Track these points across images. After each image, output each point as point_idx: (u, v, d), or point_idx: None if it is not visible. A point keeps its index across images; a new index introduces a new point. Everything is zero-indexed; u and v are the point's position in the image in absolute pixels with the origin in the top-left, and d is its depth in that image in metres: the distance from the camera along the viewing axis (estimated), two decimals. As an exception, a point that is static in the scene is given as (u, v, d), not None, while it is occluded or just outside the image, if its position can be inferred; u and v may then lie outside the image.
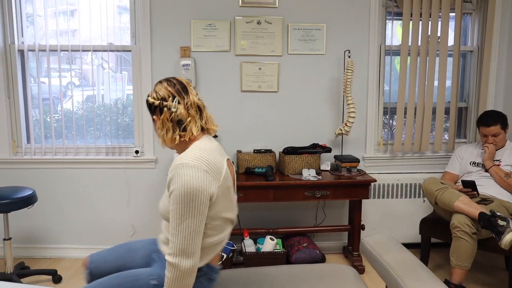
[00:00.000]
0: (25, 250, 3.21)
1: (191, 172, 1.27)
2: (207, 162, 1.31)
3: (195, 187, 1.26)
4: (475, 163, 2.93)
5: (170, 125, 1.41)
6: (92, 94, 3.17)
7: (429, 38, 3.16)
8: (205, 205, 1.29)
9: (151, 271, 1.45)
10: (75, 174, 3.16)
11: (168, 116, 1.40)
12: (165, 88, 1.42)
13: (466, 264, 2.46)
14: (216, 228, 1.39)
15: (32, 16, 3.09)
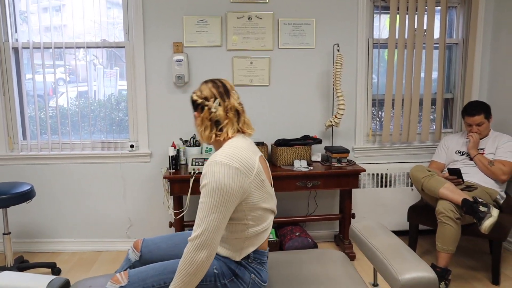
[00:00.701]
0: (24, 244, 3.27)
1: (223, 170, 1.36)
2: (239, 159, 1.40)
3: (226, 184, 1.35)
4: (460, 152, 3.03)
5: (209, 124, 1.52)
6: (84, 90, 3.22)
7: (415, 32, 3.25)
8: (232, 203, 1.37)
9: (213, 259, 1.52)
10: (71, 169, 3.22)
11: (207, 115, 1.51)
12: (209, 89, 1.53)
13: (451, 248, 2.58)
14: (258, 218, 1.47)
15: (26, 13, 3.12)
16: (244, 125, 1.55)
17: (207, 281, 1.47)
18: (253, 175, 1.42)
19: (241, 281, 1.48)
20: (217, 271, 1.48)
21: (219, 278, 1.47)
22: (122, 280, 1.44)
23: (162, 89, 3.19)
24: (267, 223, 1.54)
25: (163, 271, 1.46)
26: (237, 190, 1.37)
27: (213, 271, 1.48)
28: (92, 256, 3.19)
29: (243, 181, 1.39)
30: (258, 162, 1.46)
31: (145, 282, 1.44)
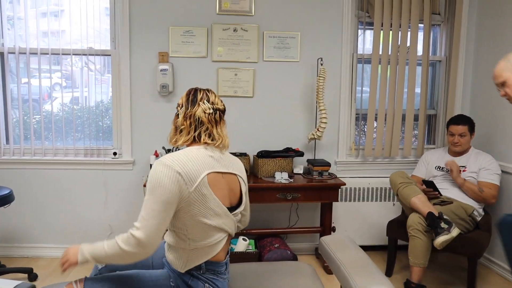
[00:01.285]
0: (2, 249, 3.26)
1: (165, 171, 1.39)
2: (182, 166, 1.41)
3: (165, 184, 1.38)
4: (439, 168, 3.06)
5: (173, 128, 1.60)
6: (75, 96, 3.25)
7: (399, 48, 3.30)
8: (171, 205, 1.39)
9: (167, 273, 1.54)
10: (53, 175, 3.23)
11: (175, 120, 1.60)
12: (183, 97, 1.61)
13: (422, 262, 2.60)
14: (199, 232, 1.47)
15: (13, 19, 3.15)
16: (205, 135, 1.55)
17: None
18: (194, 187, 1.42)
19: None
20: (173, 283, 1.49)
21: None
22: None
23: (147, 98, 3.22)
24: (213, 239, 1.51)
25: (118, 286, 1.46)
26: (176, 193, 1.39)
27: (169, 284, 1.49)
28: (71, 263, 3.17)
29: (182, 187, 1.40)
30: (206, 177, 1.46)
31: None
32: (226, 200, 1.55)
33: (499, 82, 1.93)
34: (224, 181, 1.55)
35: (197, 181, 1.42)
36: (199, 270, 1.50)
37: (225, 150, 1.61)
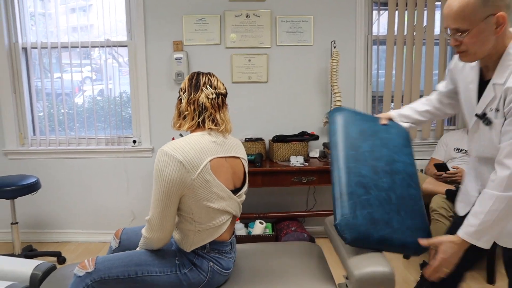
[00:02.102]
0: (33, 234, 3.45)
1: (166, 160, 1.44)
2: (184, 154, 1.45)
3: (167, 173, 1.44)
4: (459, 149, 3.00)
5: (176, 113, 1.63)
6: (100, 88, 3.37)
7: (414, 28, 3.22)
8: (174, 193, 1.46)
9: (175, 251, 1.61)
10: (77, 163, 3.37)
11: (178, 105, 1.63)
12: (185, 82, 1.63)
13: None
14: (205, 216, 1.52)
15: (35, 15, 3.28)
16: (209, 120, 1.58)
17: (170, 271, 1.54)
18: (196, 174, 1.46)
19: (200, 270, 1.55)
20: (178, 261, 1.56)
21: (179, 268, 1.54)
22: (89, 267, 1.52)
23: (163, 86, 3.29)
24: (218, 221, 1.56)
25: (128, 263, 1.54)
26: (177, 182, 1.45)
27: (175, 262, 1.56)
28: (97, 247, 3.34)
29: (184, 175, 1.45)
30: (209, 163, 1.49)
31: (110, 271, 1.52)
32: (229, 183, 1.60)
33: (461, 28, 1.29)
34: (228, 165, 1.59)
35: (200, 168, 1.46)
36: (204, 249, 1.56)
37: (228, 134, 1.65)
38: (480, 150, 1.48)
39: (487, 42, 1.31)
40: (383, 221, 1.50)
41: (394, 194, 1.56)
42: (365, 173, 1.57)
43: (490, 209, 1.32)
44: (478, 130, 1.46)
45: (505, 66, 1.33)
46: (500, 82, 1.34)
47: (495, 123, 1.37)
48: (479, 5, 1.25)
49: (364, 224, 1.47)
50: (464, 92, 1.52)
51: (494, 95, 1.36)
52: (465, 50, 1.34)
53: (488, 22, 1.27)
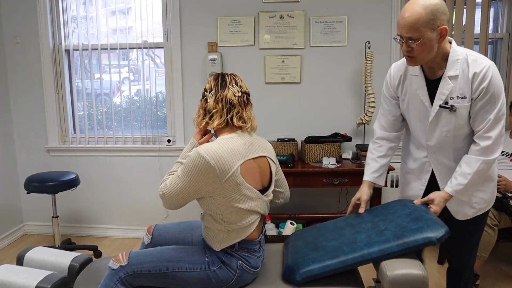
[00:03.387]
0: (72, 228, 3.60)
1: (200, 161, 1.47)
2: (218, 159, 1.48)
3: (196, 174, 1.48)
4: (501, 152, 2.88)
5: (202, 112, 1.66)
6: (138, 89, 3.48)
7: (453, 26, 3.13)
8: (197, 192, 1.52)
9: (204, 249, 1.65)
10: (114, 161, 3.49)
11: (204, 104, 1.66)
12: (210, 82, 1.67)
13: (483, 255, 2.47)
14: (234, 216, 1.56)
15: (77, 18, 3.43)
16: (237, 118, 1.61)
17: (199, 268, 1.57)
18: (226, 178, 1.49)
19: (229, 268, 1.57)
20: (208, 259, 1.58)
21: (209, 265, 1.57)
22: (122, 260, 1.58)
23: (197, 87, 3.35)
24: (247, 221, 1.58)
25: (159, 259, 1.58)
26: (203, 186, 1.50)
27: (204, 259, 1.58)
28: (132, 242, 3.43)
29: (214, 180, 1.48)
30: (239, 167, 1.51)
31: (143, 266, 1.57)
32: (258, 184, 1.62)
33: (413, 37, 1.53)
34: (256, 165, 1.62)
35: (230, 172, 1.49)
36: (233, 248, 1.59)
37: (253, 132, 1.67)
38: (441, 137, 1.73)
39: (432, 49, 1.58)
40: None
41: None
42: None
43: (477, 169, 1.63)
44: (439, 119, 1.71)
45: (454, 61, 1.64)
46: (453, 74, 1.64)
47: (459, 108, 1.65)
48: (429, 19, 1.51)
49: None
50: (413, 98, 1.77)
51: (453, 86, 1.65)
52: (415, 56, 1.60)
53: (434, 33, 1.54)
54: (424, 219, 1.55)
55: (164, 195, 1.55)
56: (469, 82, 1.61)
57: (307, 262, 1.57)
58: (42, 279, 1.66)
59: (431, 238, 1.46)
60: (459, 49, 1.65)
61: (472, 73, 1.60)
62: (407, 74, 1.78)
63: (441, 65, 1.66)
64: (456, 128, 1.69)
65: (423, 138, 1.80)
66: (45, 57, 3.37)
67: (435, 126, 1.73)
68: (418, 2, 1.52)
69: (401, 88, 1.82)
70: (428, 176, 1.83)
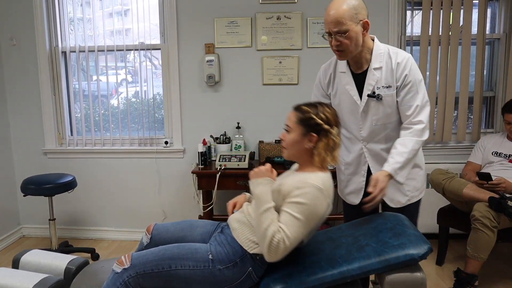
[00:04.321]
0: (69, 231, 3.59)
1: (321, 197, 1.51)
2: (330, 194, 1.56)
3: (318, 211, 1.51)
4: (497, 153, 2.88)
5: (330, 150, 1.61)
6: (136, 90, 3.48)
7: (450, 27, 3.13)
8: (313, 226, 1.54)
9: (209, 247, 1.63)
10: (111, 163, 3.48)
11: (331, 142, 1.61)
12: (332, 115, 1.63)
13: (482, 256, 2.46)
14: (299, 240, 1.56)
15: (74, 20, 3.42)
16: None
17: (203, 266, 1.56)
18: (328, 210, 1.57)
19: (238, 271, 1.56)
20: (212, 257, 1.57)
21: (214, 263, 1.56)
22: (125, 263, 1.57)
23: (195, 88, 3.35)
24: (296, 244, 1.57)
25: (161, 257, 1.57)
26: (321, 218, 1.55)
27: (207, 257, 1.57)
28: (129, 245, 3.42)
29: (325, 212, 1.55)
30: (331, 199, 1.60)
31: (145, 266, 1.56)
32: None
33: (340, 30, 1.68)
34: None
35: (330, 205, 1.58)
36: (257, 255, 1.57)
37: None
38: (372, 126, 1.87)
39: (359, 42, 1.74)
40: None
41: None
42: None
43: (412, 148, 1.74)
44: (369, 109, 1.85)
45: (378, 55, 1.81)
46: (378, 66, 1.81)
47: (385, 97, 1.81)
48: (352, 13, 1.68)
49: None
50: (343, 93, 1.91)
51: (378, 77, 1.81)
52: (344, 49, 1.74)
53: (359, 26, 1.71)
54: (406, 234, 1.53)
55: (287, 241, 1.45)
56: (393, 72, 1.79)
57: (284, 279, 1.53)
58: (38, 282, 1.65)
59: (413, 255, 1.43)
60: (381, 44, 1.84)
61: (395, 63, 1.78)
62: (336, 72, 1.93)
63: (366, 58, 1.82)
64: (385, 116, 1.84)
65: (356, 130, 1.92)
66: (42, 59, 3.36)
67: (366, 116, 1.87)
68: (340, 0, 1.69)
69: (332, 86, 1.96)
70: (366, 167, 1.95)
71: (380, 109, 1.84)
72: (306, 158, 1.63)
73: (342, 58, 1.82)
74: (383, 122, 1.86)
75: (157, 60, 3.47)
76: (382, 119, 1.85)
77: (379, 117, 1.85)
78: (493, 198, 2.42)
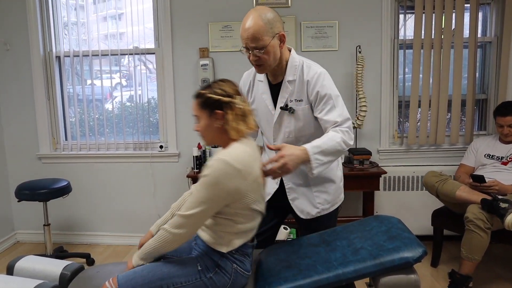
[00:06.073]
0: (64, 236, 3.57)
1: (225, 167, 1.46)
2: (242, 163, 1.49)
3: (223, 183, 1.45)
4: (489, 156, 2.91)
5: (240, 119, 1.58)
6: (130, 95, 3.48)
7: (442, 31, 3.16)
8: (223, 200, 1.48)
9: (195, 257, 1.62)
10: (106, 168, 3.47)
11: (237, 111, 1.56)
12: (230, 87, 1.60)
13: (476, 257, 2.48)
14: (247, 217, 1.56)
15: (68, 24, 3.42)
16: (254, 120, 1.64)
17: (194, 279, 1.54)
18: (250, 180, 1.50)
19: (224, 272, 1.55)
20: (200, 267, 1.56)
21: (204, 273, 1.55)
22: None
23: (189, 93, 3.35)
24: (254, 223, 1.60)
25: (151, 279, 1.53)
26: (231, 192, 1.47)
27: (197, 269, 1.56)
28: (124, 249, 3.41)
29: (239, 183, 1.47)
30: (258, 167, 1.55)
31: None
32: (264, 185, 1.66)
33: (258, 45, 1.67)
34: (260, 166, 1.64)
35: (253, 174, 1.52)
36: (232, 250, 1.57)
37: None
38: (285, 137, 1.87)
39: (277, 56, 1.74)
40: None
41: None
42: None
43: (335, 139, 1.69)
44: (282, 121, 1.86)
45: (293, 67, 1.81)
46: (292, 79, 1.80)
47: (297, 110, 1.81)
48: (268, 28, 1.67)
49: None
50: (260, 102, 1.91)
51: (291, 90, 1.81)
52: (263, 64, 1.74)
53: (275, 40, 1.70)
54: (401, 237, 1.54)
55: (186, 217, 1.47)
56: (304, 86, 1.79)
57: (279, 282, 1.53)
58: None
59: (407, 259, 1.44)
60: (297, 57, 1.84)
61: (306, 79, 1.78)
62: (255, 80, 1.93)
63: (282, 70, 1.82)
64: (297, 130, 1.84)
65: (271, 139, 1.94)
66: (36, 63, 3.36)
67: (279, 127, 1.88)
68: (255, 15, 1.68)
69: (251, 94, 1.96)
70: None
71: (293, 122, 1.84)
72: (223, 137, 1.59)
73: (261, 71, 1.82)
74: (295, 135, 1.86)
75: (151, 64, 3.47)
76: (294, 132, 1.85)
77: (291, 129, 1.85)
78: (485, 200, 2.44)
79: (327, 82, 1.78)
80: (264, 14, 1.68)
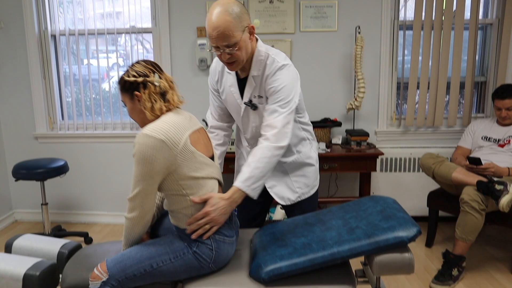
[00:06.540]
0: (62, 215, 3.59)
1: (148, 142, 1.43)
2: (165, 133, 1.45)
3: (150, 155, 1.44)
4: (487, 138, 2.91)
5: (157, 97, 1.56)
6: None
7: (443, 12, 3.12)
8: (158, 173, 1.47)
9: (178, 235, 1.63)
10: (103, 147, 3.47)
11: (153, 89, 1.55)
12: (144, 67, 1.58)
13: (470, 238, 2.51)
14: (193, 186, 1.54)
15: (63, 2, 3.36)
16: (176, 96, 1.62)
17: (182, 253, 1.56)
18: (180, 148, 1.47)
19: (204, 242, 1.56)
20: (185, 242, 1.58)
21: (189, 247, 1.56)
22: (101, 275, 1.52)
23: (187, 72, 3.32)
24: (207, 189, 1.57)
25: (139, 259, 1.55)
26: (161, 162, 1.45)
27: (183, 244, 1.57)
28: (122, 228, 3.40)
29: (167, 153, 1.45)
30: (188, 136, 1.51)
31: (126, 272, 1.53)
32: (208, 152, 1.64)
33: (230, 43, 1.57)
34: (201, 136, 1.63)
35: (181, 143, 1.48)
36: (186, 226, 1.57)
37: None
38: (253, 131, 1.85)
39: (248, 49, 1.66)
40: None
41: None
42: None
43: (260, 157, 1.62)
44: (249, 115, 1.83)
45: (258, 62, 1.71)
46: (256, 74, 1.72)
47: (260, 107, 1.77)
48: (237, 22, 1.57)
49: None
50: (228, 94, 1.85)
51: (255, 85, 1.74)
52: (236, 60, 1.64)
53: (245, 33, 1.61)
54: (396, 217, 1.55)
55: (131, 200, 1.51)
56: (264, 82, 1.72)
57: (275, 260, 1.54)
58: (31, 266, 1.65)
59: (402, 238, 1.45)
60: (262, 49, 1.72)
61: (266, 74, 1.70)
62: (223, 71, 1.85)
63: (249, 64, 1.74)
64: (261, 125, 1.75)
65: (242, 130, 1.93)
66: (31, 42, 3.31)
67: (247, 121, 1.86)
68: (221, 11, 1.55)
69: (219, 84, 1.90)
70: None
71: (257, 118, 1.80)
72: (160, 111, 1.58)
73: (234, 69, 1.71)
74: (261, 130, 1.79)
75: (148, 43, 3.43)
76: (260, 127, 1.77)
77: (257, 124, 1.82)
78: (481, 182, 2.46)
79: (285, 77, 1.68)
80: (231, 8, 1.56)
